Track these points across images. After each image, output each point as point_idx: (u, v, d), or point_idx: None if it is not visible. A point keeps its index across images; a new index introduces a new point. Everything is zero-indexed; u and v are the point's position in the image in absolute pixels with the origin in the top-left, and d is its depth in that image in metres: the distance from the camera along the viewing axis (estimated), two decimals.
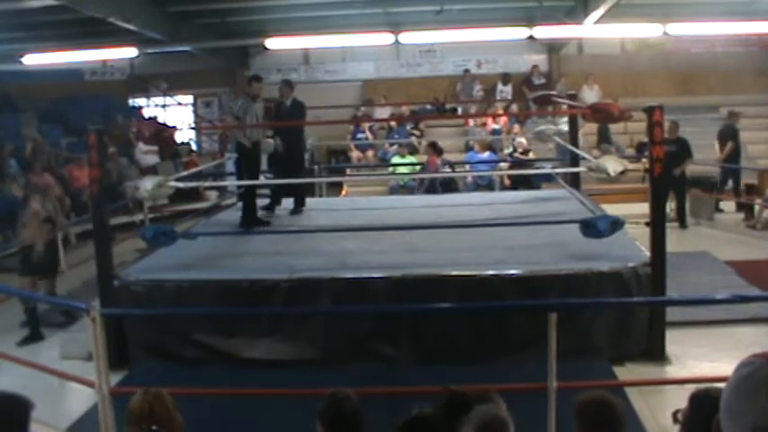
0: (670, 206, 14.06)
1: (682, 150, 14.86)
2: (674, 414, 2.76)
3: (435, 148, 17.95)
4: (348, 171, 19.94)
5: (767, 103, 21.30)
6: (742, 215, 15.75)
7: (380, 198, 16.83)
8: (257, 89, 11.30)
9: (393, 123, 21.12)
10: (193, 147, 22.67)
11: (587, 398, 3.93)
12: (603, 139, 19.75)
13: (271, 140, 12.21)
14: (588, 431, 3.86)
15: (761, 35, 21.20)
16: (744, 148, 17.36)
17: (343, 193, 18.19)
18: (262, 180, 12.49)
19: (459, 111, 21.96)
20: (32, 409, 3.56)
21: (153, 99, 23.18)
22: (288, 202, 12.55)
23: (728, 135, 16.72)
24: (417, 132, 21.05)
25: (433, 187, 17.60)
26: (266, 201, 12.30)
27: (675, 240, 11.48)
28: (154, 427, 3.65)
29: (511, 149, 19.38)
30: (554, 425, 5.63)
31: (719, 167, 16.69)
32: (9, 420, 3.43)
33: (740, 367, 1.86)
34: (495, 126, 20.91)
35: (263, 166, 12.96)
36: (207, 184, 15.93)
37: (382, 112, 21.33)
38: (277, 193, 12.53)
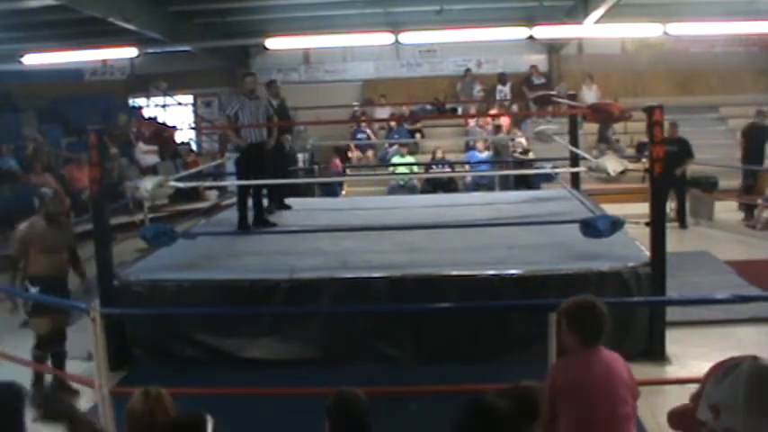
0: (670, 206, 14.06)
1: (682, 150, 14.85)
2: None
3: (339, 152, 19.08)
4: (348, 171, 19.97)
5: (766, 103, 21.29)
6: (743, 215, 15.74)
7: (380, 198, 16.83)
8: (250, 84, 11.13)
9: (393, 123, 21.12)
10: (193, 147, 22.64)
11: (573, 301, 4.46)
12: (601, 138, 19.79)
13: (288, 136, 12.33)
14: (577, 331, 4.34)
15: (761, 35, 21.18)
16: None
17: (343, 193, 18.21)
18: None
19: (460, 111, 21.97)
20: (27, 396, 3.56)
21: (153, 99, 23.18)
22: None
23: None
24: (417, 127, 21.09)
25: (332, 191, 17.70)
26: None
27: (675, 240, 11.47)
28: None
29: (510, 149, 19.43)
30: None
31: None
32: (4, 407, 3.44)
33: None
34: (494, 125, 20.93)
35: None
36: (207, 184, 15.93)
37: (382, 112, 21.34)
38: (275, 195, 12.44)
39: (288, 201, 12.88)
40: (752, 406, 1.80)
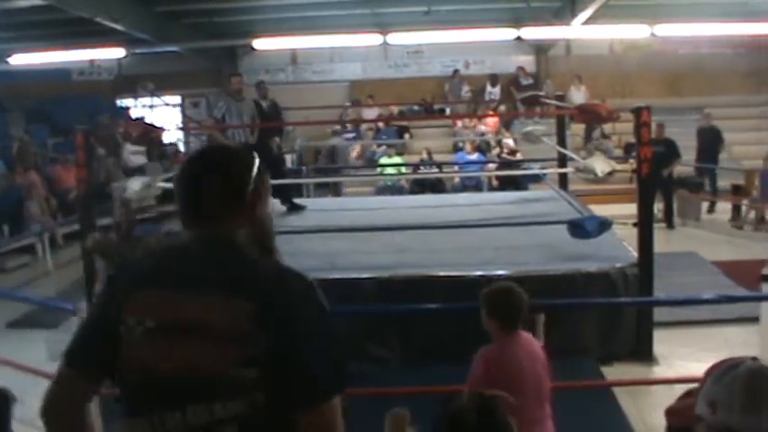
0: (657, 207, 14.08)
1: (669, 151, 14.91)
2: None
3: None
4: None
5: (753, 104, 21.41)
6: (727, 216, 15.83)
7: (369, 198, 16.81)
8: (236, 84, 11.13)
9: (381, 124, 21.14)
10: (181, 147, 22.57)
11: (491, 288, 4.72)
12: (588, 138, 19.91)
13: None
14: (497, 316, 4.57)
15: (747, 36, 21.28)
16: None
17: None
18: None
19: (448, 111, 21.98)
20: (14, 402, 3.55)
21: (140, 99, 23.11)
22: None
23: None
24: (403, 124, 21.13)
25: None
26: None
27: (663, 241, 11.53)
28: None
29: (497, 150, 19.47)
30: None
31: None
32: None
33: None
34: (482, 127, 20.96)
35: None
36: None
37: (370, 113, 21.34)
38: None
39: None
40: (748, 404, 1.86)
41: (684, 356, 7.94)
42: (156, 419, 2.18)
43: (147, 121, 20.87)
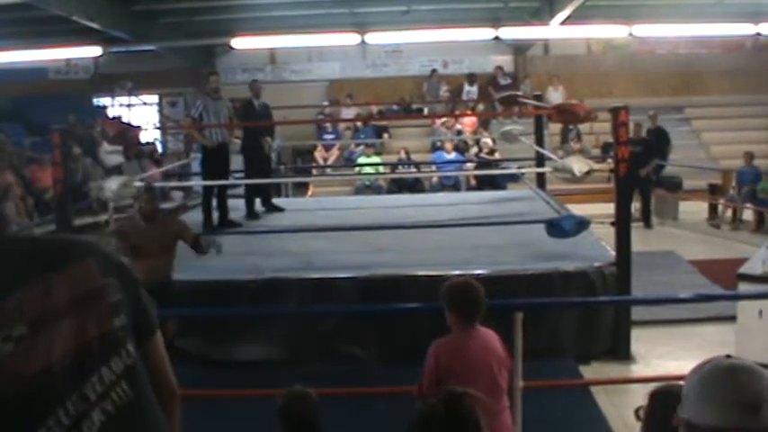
0: (635, 206, 14.15)
1: (647, 151, 14.97)
2: (636, 411, 2.81)
3: (153, 158, 18.90)
4: (314, 171, 19.97)
5: (730, 104, 21.51)
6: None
7: (347, 198, 16.81)
8: (214, 83, 11.08)
9: (359, 123, 21.12)
10: (159, 147, 22.44)
11: (451, 283, 4.81)
12: (564, 139, 19.95)
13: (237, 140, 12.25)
14: (455, 310, 4.66)
15: (723, 37, 21.44)
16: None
17: (309, 193, 18.15)
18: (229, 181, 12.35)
19: (426, 111, 21.97)
20: None
21: (118, 98, 22.95)
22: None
23: None
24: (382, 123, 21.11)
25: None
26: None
27: (641, 240, 11.57)
28: None
29: (476, 149, 19.49)
30: (520, 424, 5.63)
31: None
32: None
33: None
34: (458, 126, 20.97)
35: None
36: (172, 184, 15.83)
37: (348, 113, 21.31)
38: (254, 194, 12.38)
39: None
40: (702, 395, 1.91)
41: (662, 355, 7.98)
42: (56, 418, 2.05)
43: (125, 120, 20.77)
